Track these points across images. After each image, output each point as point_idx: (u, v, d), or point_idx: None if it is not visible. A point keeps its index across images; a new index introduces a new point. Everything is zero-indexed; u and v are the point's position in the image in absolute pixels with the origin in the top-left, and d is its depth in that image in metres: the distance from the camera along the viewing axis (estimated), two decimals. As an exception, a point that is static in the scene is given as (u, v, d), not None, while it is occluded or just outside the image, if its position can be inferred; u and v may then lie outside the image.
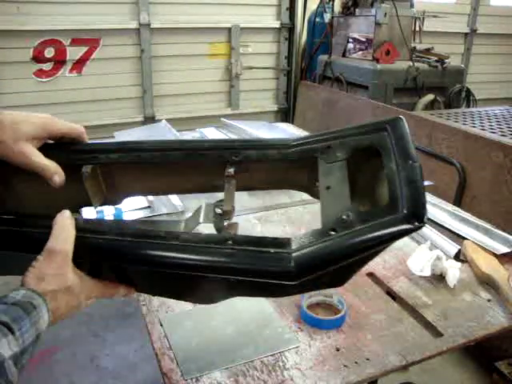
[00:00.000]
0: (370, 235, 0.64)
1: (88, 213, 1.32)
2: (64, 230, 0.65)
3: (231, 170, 0.80)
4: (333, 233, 0.66)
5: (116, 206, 1.42)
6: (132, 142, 0.86)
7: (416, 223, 0.63)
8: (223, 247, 0.68)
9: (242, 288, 0.73)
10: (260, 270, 0.66)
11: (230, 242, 0.68)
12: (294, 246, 0.66)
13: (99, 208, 0.90)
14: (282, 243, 0.67)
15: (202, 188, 0.88)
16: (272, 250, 0.66)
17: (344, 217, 0.67)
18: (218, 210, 0.81)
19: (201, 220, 0.82)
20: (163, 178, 0.86)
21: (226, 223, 0.79)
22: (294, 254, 0.65)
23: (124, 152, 0.81)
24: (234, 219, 0.81)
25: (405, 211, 0.64)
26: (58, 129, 0.75)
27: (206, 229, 0.84)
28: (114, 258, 0.69)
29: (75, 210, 0.80)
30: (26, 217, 0.71)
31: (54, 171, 0.72)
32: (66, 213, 0.67)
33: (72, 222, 0.66)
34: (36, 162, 0.71)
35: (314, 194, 0.86)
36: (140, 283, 0.76)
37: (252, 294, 0.83)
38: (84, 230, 0.69)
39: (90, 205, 0.81)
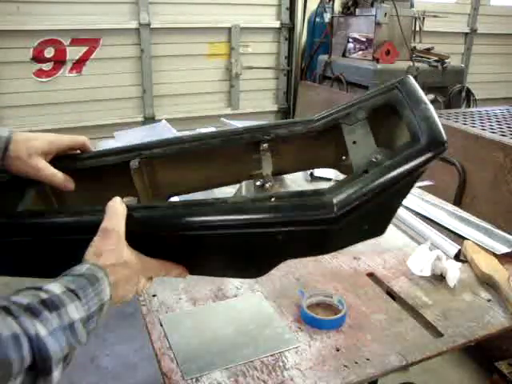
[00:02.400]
0: (400, 166, 0.71)
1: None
2: (116, 211, 0.70)
3: (265, 145, 0.88)
4: (366, 174, 0.73)
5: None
6: (173, 137, 0.92)
7: (437, 149, 0.72)
8: (268, 202, 0.72)
9: (289, 246, 0.76)
10: (305, 215, 0.71)
11: (273, 199, 0.73)
12: (332, 190, 0.72)
13: None
14: (321, 191, 0.73)
15: (239, 177, 0.94)
16: (313, 197, 0.72)
17: (373, 159, 0.75)
18: (258, 183, 0.90)
19: (243, 194, 0.85)
20: (202, 170, 0.91)
21: (267, 185, 0.88)
22: (333, 197, 0.70)
23: (166, 146, 0.88)
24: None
25: (425, 141, 0.72)
26: (63, 142, 0.84)
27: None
28: (168, 226, 0.72)
29: None
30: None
31: (64, 179, 0.82)
32: (117, 198, 0.73)
33: (122, 204, 0.72)
34: (46, 174, 0.80)
35: (342, 169, 0.92)
36: (191, 261, 0.79)
37: (298, 253, 0.83)
38: (136, 208, 0.74)
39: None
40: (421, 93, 0.81)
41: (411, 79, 0.85)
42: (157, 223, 0.73)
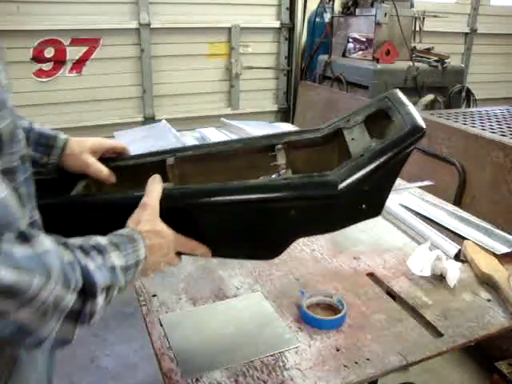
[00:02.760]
0: (390, 147, 0.87)
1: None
2: (153, 189, 0.83)
3: (279, 146, 1.03)
4: (362, 157, 0.87)
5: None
6: (202, 143, 1.11)
7: (418, 133, 0.87)
8: (283, 181, 0.88)
9: (301, 222, 0.88)
10: (313, 191, 0.85)
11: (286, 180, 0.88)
12: (335, 172, 0.86)
13: None
14: (326, 173, 0.87)
15: (257, 177, 1.05)
16: (320, 177, 0.86)
17: (368, 147, 0.89)
18: (274, 176, 1.02)
19: None
20: (225, 171, 1.04)
21: (282, 172, 1.02)
22: (336, 176, 0.85)
23: (196, 149, 1.05)
24: None
25: (408, 129, 0.88)
26: (108, 144, 1.02)
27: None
28: (196, 199, 0.85)
29: None
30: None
31: (108, 174, 0.98)
32: (157, 176, 0.86)
33: (160, 183, 0.85)
34: (95, 168, 0.97)
35: None
36: (215, 241, 0.88)
37: (309, 229, 0.93)
38: (171, 189, 0.88)
39: None
40: (405, 99, 0.98)
41: (398, 91, 1.02)
42: (188, 197, 0.86)
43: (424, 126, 0.88)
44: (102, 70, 3.68)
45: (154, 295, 1.11)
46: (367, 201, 0.89)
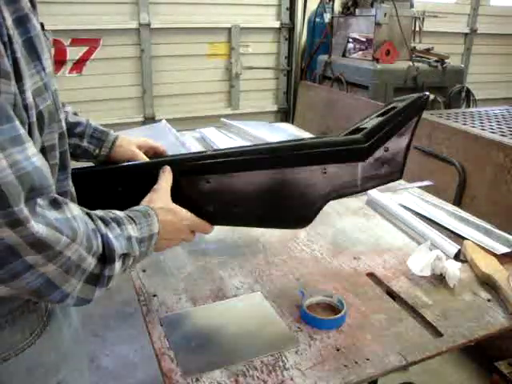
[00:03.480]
0: (402, 111, 1.02)
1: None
2: (164, 176, 0.94)
3: None
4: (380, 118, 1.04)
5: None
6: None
7: (424, 97, 1.03)
8: (315, 140, 0.99)
9: (331, 183, 0.96)
10: (343, 147, 0.95)
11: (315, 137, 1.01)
12: (361, 132, 0.98)
13: None
14: (353, 135, 1.00)
15: None
16: (347, 137, 0.99)
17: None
18: None
19: None
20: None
21: None
22: (362, 135, 0.96)
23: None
24: None
25: (416, 96, 1.04)
26: (153, 143, 1.18)
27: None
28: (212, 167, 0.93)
29: None
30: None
31: None
32: (167, 167, 0.95)
33: (170, 173, 0.95)
34: (139, 158, 1.11)
35: None
36: (248, 207, 0.96)
37: (339, 191, 1.01)
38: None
39: None
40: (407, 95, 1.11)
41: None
42: (203, 168, 0.94)
43: (426, 95, 1.02)
44: (102, 70, 3.68)
45: (154, 295, 1.11)
46: (388, 162, 1.01)
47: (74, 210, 0.65)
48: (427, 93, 1.04)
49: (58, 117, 0.75)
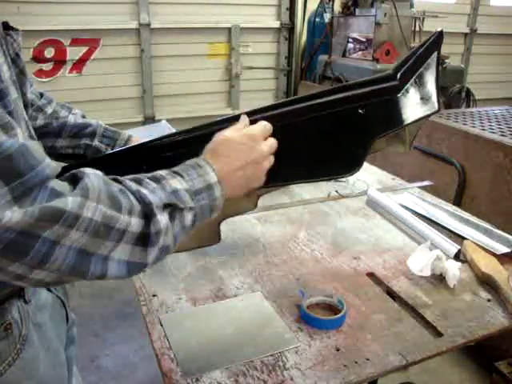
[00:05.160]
0: (425, 46, 1.05)
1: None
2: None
3: None
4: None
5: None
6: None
7: (441, 36, 1.05)
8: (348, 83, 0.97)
9: (371, 121, 0.96)
10: (377, 86, 0.97)
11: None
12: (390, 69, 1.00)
13: None
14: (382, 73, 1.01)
15: None
16: (379, 75, 1.00)
17: None
18: None
19: None
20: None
21: None
22: (393, 70, 1.00)
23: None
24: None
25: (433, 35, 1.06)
26: None
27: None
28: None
29: None
30: None
31: None
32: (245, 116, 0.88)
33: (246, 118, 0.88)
34: None
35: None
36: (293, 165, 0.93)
37: (379, 128, 0.99)
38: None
39: None
40: None
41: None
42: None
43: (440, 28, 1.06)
44: (102, 70, 3.68)
45: (154, 295, 1.11)
46: (422, 93, 1.04)
47: (89, 171, 0.60)
48: (439, 28, 1.05)
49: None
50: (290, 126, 0.90)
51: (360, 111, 0.93)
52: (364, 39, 3.78)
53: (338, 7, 4.13)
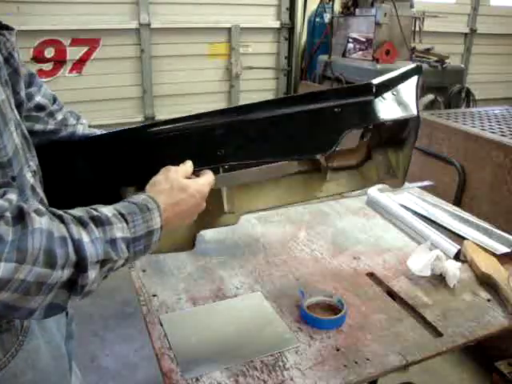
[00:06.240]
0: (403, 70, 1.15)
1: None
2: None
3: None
4: None
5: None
6: None
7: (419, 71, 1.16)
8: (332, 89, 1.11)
9: (346, 118, 1.05)
10: (355, 90, 1.09)
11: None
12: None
13: None
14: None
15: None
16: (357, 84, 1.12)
17: None
18: None
19: None
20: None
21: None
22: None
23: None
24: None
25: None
26: None
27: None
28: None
29: None
30: None
31: None
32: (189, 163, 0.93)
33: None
34: None
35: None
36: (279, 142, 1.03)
37: (353, 124, 1.08)
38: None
39: None
40: None
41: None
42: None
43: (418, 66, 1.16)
44: (102, 70, 3.68)
45: (154, 295, 1.11)
46: (400, 102, 1.10)
47: (37, 220, 0.59)
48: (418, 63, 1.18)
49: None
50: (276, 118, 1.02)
51: (336, 110, 1.04)
52: (364, 39, 3.78)
53: (338, 7, 4.13)
